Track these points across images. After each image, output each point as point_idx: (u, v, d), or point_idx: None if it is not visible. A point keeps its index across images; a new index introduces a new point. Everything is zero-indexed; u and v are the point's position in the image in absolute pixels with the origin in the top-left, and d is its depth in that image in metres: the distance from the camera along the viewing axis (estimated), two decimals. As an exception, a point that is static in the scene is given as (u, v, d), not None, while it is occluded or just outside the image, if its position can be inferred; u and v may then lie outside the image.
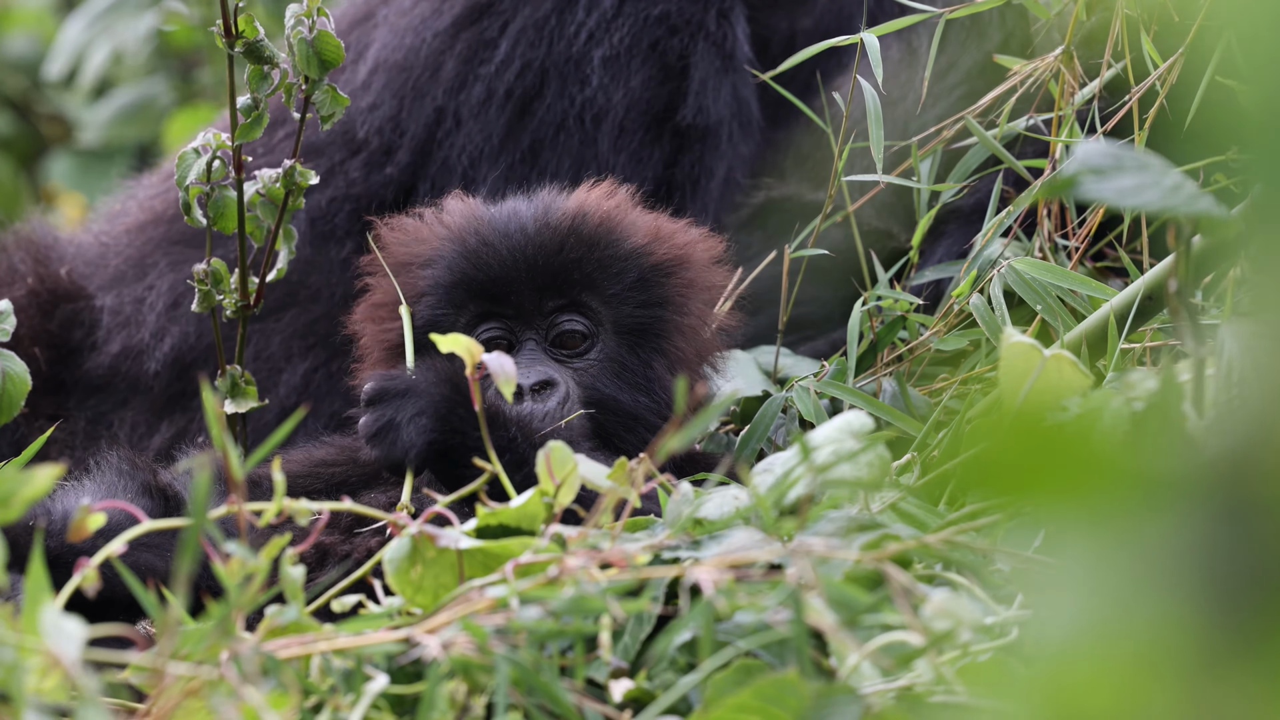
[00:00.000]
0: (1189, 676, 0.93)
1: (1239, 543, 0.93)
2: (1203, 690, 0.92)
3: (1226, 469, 0.94)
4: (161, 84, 4.12)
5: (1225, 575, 0.93)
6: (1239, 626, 0.92)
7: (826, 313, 2.44)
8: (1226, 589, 0.93)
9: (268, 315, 2.52)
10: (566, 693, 1.49)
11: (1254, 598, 0.92)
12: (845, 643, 1.51)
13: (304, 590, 1.55)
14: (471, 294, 2.01)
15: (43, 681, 1.34)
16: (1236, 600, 0.93)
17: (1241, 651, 0.92)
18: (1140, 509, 0.95)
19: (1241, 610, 0.93)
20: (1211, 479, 0.94)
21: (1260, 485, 0.93)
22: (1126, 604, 0.94)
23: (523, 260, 2.00)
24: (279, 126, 2.54)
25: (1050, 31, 2.27)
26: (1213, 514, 0.94)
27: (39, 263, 2.64)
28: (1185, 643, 0.93)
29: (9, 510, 1.50)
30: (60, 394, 2.58)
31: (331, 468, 2.04)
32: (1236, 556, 0.93)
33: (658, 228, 2.05)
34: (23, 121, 4.46)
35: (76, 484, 1.92)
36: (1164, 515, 0.94)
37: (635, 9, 2.48)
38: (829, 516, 1.65)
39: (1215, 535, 0.94)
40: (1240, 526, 0.94)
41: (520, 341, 2.01)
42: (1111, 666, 0.94)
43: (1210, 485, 0.94)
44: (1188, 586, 0.93)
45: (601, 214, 2.03)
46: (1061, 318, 2.06)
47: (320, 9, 2.07)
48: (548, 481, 1.67)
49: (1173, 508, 0.94)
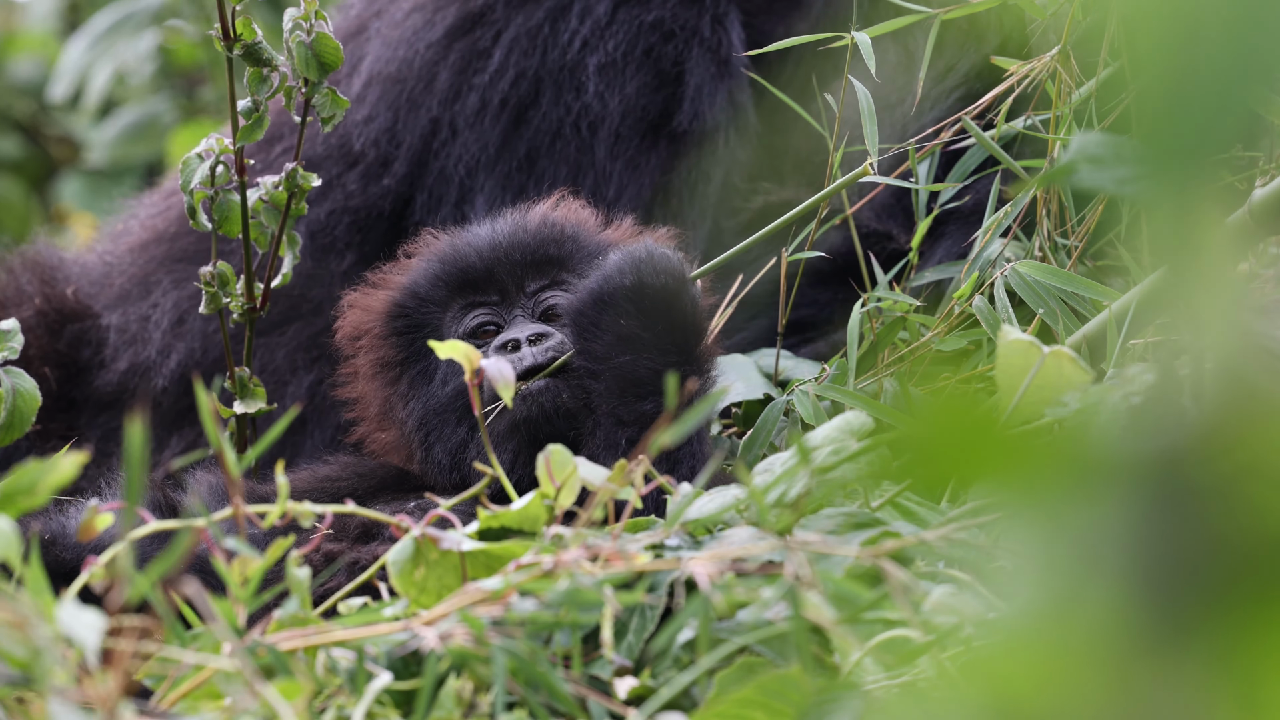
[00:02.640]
0: (1124, 663, 0.93)
1: (1177, 529, 0.94)
2: (1137, 676, 0.93)
3: (1166, 456, 0.95)
4: (165, 102, 4.15)
5: (1162, 562, 0.94)
6: (1175, 613, 0.93)
7: (827, 315, 2.45)
8: (1163, 576, 0.93)
9: (272, 329, 2.53)
10: (564, 683, 1.50)
11: (1189, 584, 0.93)
12: (845, 639, 1.52)
13: (310, 593, 1.57)
14: (454, 287, 2.09)
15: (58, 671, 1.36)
16: (1173, 587, 0.93)
17: (1184, 636, 0.93)
18: (1085, 498, 0.96)
19: (1177, 597, 0.93)
20: (1151, 467, 0.95)
21: (1196, 472, 0.94)
22: (1067, 593, 0.95)
23: (500, 246, 2.08)
24: (277, 141, 2.55)
25: (1046, 32, 2.28)
26: (1152, 502, 0.94)
27: (45, 283, 2.65)
28: (1122, 630, 0.93)
29: (35, 498, 1.53)
30: (71, 412, 2.60)
31: (336, 483, 2.06)
32: (1174, 543, 0.94)
33: (615, 224, 2.14)
34: (32, 144, 4.49)
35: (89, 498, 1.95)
36: (1107, 504, 0.95)
37: (629, 16, 2.49)
38: (827, 513, 1.66)
39: (1154, 523, 0.94)
40: (1178, 513, 0.94)
41: (509, 320, 2.07)
42: (1049, 655, 0.95)
43: (1150, 473, 0.95)
44: (1126, 575, 0.94)
45: (568, 211, 2.12)
46: (1063, 319, 2.07)
47: (318, 12, 2.09)
48: (548, 484, 1.69)
49: (1115, 497, 0.95)
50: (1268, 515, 0.91)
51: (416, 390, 2.07)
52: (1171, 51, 0.93)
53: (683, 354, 1.99)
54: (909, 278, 2.31)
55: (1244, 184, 2.22)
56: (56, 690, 1.31)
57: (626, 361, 1.98)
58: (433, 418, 2.05)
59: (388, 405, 2.09)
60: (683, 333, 1.99)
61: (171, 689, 1.47)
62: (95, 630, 1.36)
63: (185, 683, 1.47)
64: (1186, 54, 0.93)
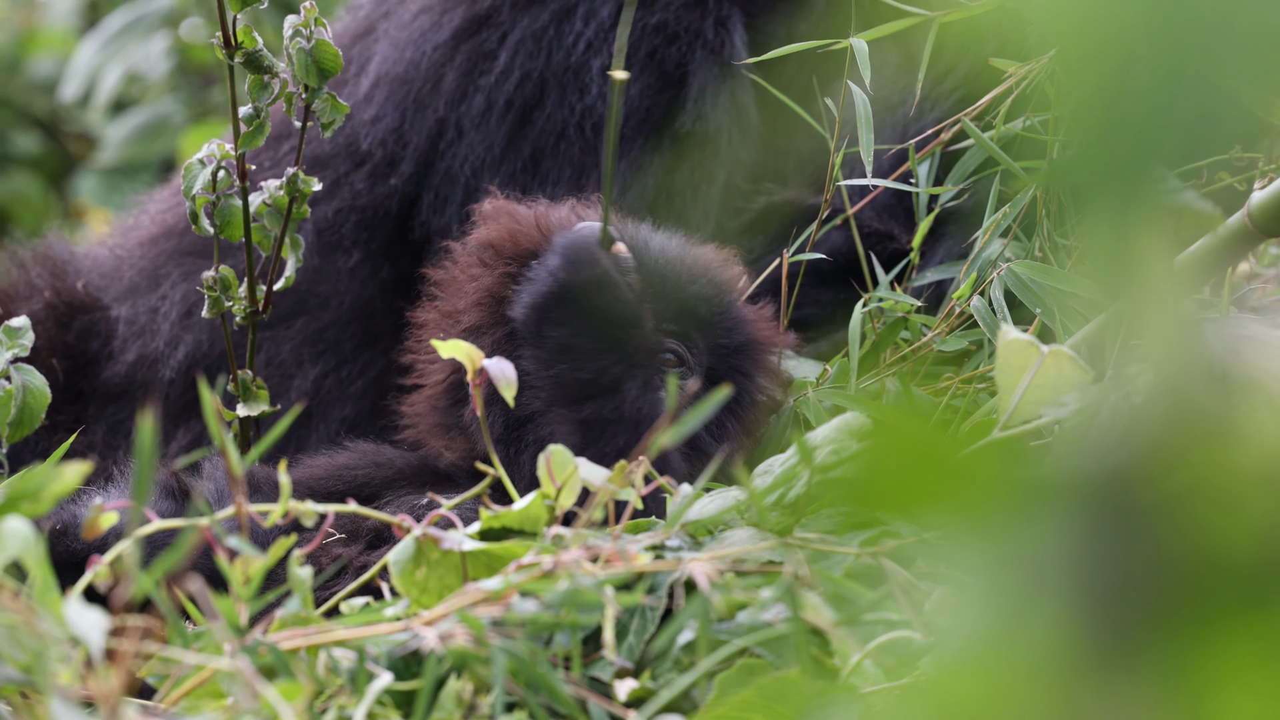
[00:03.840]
0: (1070, 683, 0.94)
1: (1122, 549, 0.94)
2: (1083, 696, 0.94)
3: (1109, 476, 0.95)
4: (177, 102, 4.16)
5: (1108, 582, 0.94)
6: (1122, 633, 0.94)
7: (828, 314, 2.46)
8: (1109, 596, 0.94)
9: (278, 323, 2.54)
10: (564, 685, 1.51)
11: (1136, 604, 0.93)
12: (844, 640, 1.53)
13: (314, 593, 1.58)
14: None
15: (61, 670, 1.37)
16: (1119, 607, 0.94)
17: (1124, 657, 0.93)
18: (1028, 518, 0.96)
19: (1124, 616, 0.94)
20: (1095, 486, 0.95)
21: (1142, 492, 0.94)
22: (1012, 613, 0.95)
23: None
24: (284, 140, 2.56)
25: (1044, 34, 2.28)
26: (1097, 521, 0.95)
27: (56, 276, 2.67)
28: (1068, 650, 0.94)
29: (39, 505, 1.53)
30: (79, 403, 2.61)
31: (354, 470, 2.07)
32: (1120, 563, 0.94)
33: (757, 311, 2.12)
34: (51, 140, 4.51)
35: (101, 490, 1.95)
36: (1050, 524, 0.95)
37: (633, 18, 2.50)
38: (827, 514, 1.67)
39: (1098, 542, 0.95)
40: (1124, 533, 0.95)
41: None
42: (993, 675, 0.95)
43: (1095, 492, 0.95)
44: (1072, 595, 0.94)
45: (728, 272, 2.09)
46: (1061, 320, 2.07)
47: (318, 19, 2.10)
48: (549, 484, 1.69)
49: (1058, 516, 0.95)
50: (1212, 534, 0.91)
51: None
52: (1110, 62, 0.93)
53: (620, 351, 1.98)
54: (910, 278, 2.32)
55: (1244, 185, 2.23)
56: (59, 689, 1.32)
57: (564, 370, 1.97)
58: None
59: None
60: (617, 327, 1.98)
61: (174, 688, 1.48)
62: (100, 629, 1.37)
63: (187, 682, 1.48)
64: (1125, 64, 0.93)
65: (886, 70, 2.42)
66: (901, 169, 2.29)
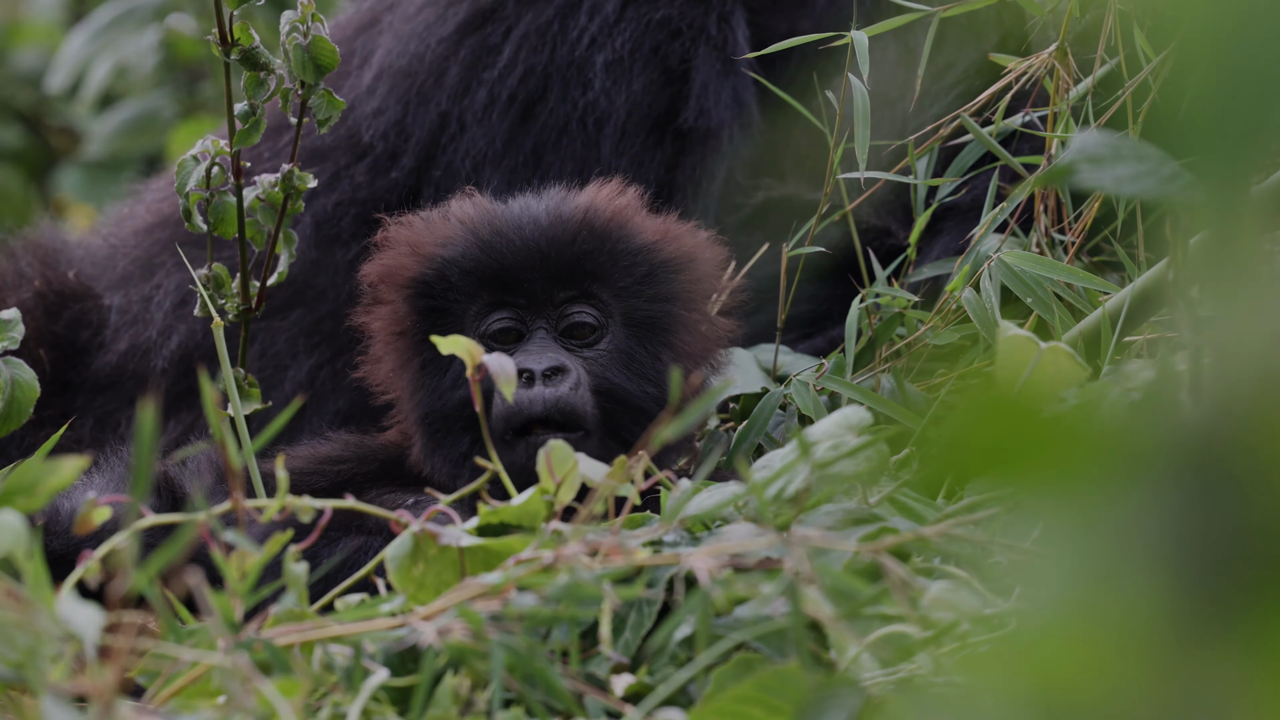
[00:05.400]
0: (1167, 652, 0.93)
1: (1216, 517, 0.94)
2: (1181, 664, 0.93)
3: (1204, 445, 0.95)
4: (165, 97, 4.15)
5: (1203, 550, 0.94)
6: (1217, 600, 0.93)
7: (825, 310, 2.46)
8: (1204, 563, 0.94)
9: (274, 314, 2.54)
10: (562, 679, 1.51)
11: (1231, 571, 0.93)
12: (844, 634, 1.52)
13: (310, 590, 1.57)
14: (483, 282, 2.02)
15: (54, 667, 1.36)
16: (1214, 574, 0.94)
17: (1219, 625, 0.93)
18: (1122, 489, 0.96)
19: (1219, 584, 0.94)
20: (1190, 456, 0.95)
21: (1237, 460, 0.94)
22: (1107, 583, 0.95)
23: (535, 250, 2.02)
24: (283, 132, 2.55)
25: (1045, 29, 2.28)
26: (1191, 490, 0.94)
27: (46, 265, 2.66)
28: (1164, 618, 0.94)
29: (34, 499, 1.52)
30: (67, 394, 2.60)
31: (338, 464, 2.05)
32: (1214, 531, 0.94)
33: (666, 227, 2.07)
34: (33, 134, 4.49)
35: (84, 481, 1.94)
36: (1144, 494, 0.95)
37: (637, 14, 2.50)
38: (826, 509, 1.66)
39: (1193, 511, 0.94)
40: (1217, 501, 0.94)
41: (531, 330, 2.02)
42: (1092, 645, 0.95)
43: (1189, 462, 0.95)
44: (1167, 563, 0.94)
45: (613, 210, 2.05)
46: (1058, 312, 2.07)
47: (315, 15, 2.09)
48: (548, 479, 1.69)
49: (1152, 486, 0.95)
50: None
51: (426, 382, 2.03)
52: (1218, 49, 0.92)
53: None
54: (907, 273, 2.32)
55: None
56: (51, 687, 1.31)
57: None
58: (438, 420, 2.02)
59: (398, 379, 2.06)
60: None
61: (165, 685, 1.47)
62: (94, 624, 1.36)
63: (180, 679, 1.47)
64: (1233, 52, 0.93)
65: (886, 65, 2.43)
66: (900, 164, 2.29)
